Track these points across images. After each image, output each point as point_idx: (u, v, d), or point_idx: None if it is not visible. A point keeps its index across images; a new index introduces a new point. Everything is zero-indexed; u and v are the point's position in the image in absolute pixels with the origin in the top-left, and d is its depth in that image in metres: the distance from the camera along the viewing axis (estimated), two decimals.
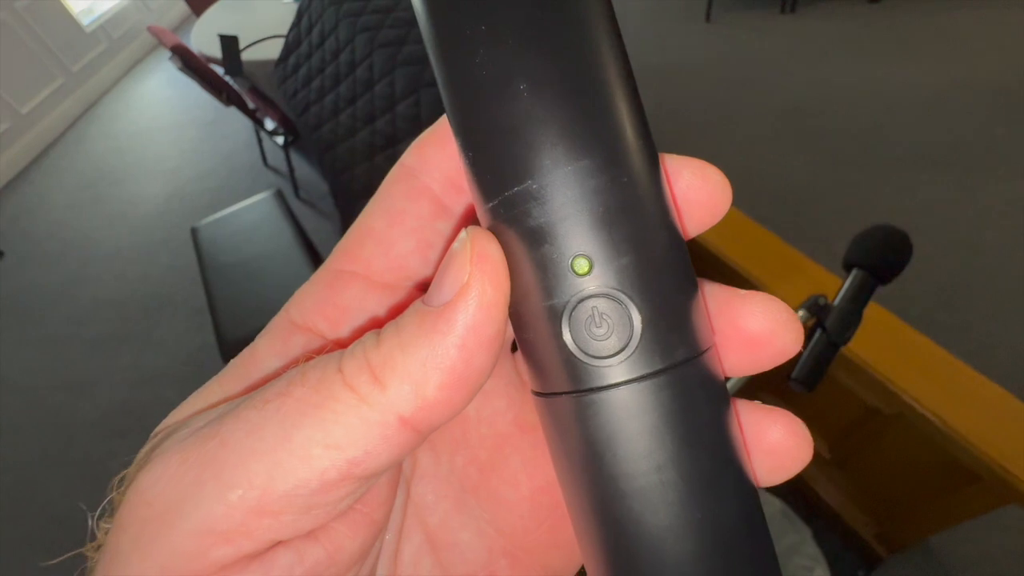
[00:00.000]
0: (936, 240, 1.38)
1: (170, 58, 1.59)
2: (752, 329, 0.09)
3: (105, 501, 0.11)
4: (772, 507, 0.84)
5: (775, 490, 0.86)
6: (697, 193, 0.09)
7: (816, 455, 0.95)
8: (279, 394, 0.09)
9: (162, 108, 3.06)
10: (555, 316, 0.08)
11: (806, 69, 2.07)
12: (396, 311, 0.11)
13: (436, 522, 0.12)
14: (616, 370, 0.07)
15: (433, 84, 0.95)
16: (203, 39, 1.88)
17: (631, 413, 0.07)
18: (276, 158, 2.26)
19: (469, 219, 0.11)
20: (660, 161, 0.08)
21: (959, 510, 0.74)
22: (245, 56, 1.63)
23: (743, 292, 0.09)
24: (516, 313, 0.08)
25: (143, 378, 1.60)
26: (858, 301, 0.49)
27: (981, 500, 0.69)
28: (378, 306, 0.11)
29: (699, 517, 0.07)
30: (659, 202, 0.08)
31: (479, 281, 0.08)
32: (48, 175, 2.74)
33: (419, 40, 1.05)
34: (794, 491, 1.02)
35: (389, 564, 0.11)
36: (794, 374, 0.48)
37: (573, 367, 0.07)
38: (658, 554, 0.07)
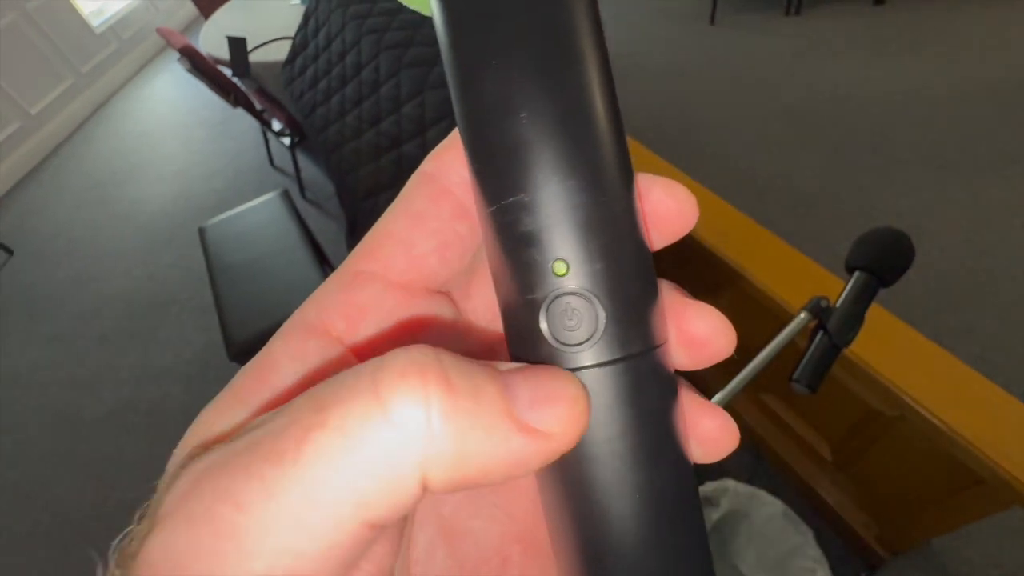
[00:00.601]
0: (941, 242, 1.38)
1: (178, 59, 1.61)
2: (694, 332, 0.10)
3: (112, 551, 0.10)
4: (774, 508, 0.84)
5: (777, 492, 0.86)
6: (665, 208, 0.10)
7: (818, 457, 0.95)
8: (299, 443, 0.07)
9: (170, 109, 3.09)
10: (535, 308, 0.09)
11: (811, 70, 2.07)
12: (413, 314, 0.11)
13: (449, 512, 0.12)
14: (582, 356, 0.09)
15: (438, 86, 0.96)
16: (211, 41, 1.90)
17: (591, 392, 0.09)
18: (282, 159, 2.27)
19: None
20: (634, 180, 0.10)
21: (962, 513, 0.74)
22: (252, 58, 1.64)
23: (690, 300, 0.10)
24: (503, 304, 0.10)
25: (149, 376, 1.62)
26: (860, 303, 0.49)
27: (984, 503, 0.69)
28: (396, 306, 0.11)
29: (639, 480, 0.09)
30: (630, 217, 0.09)
31: (570, 438, 0.08)
32: (57, 174, 2.77)
33: (425, 42, 1.06)
34: (796, 493, 1.02)
35: (403, 556, 0.11)
36: (796, 375, 0.49)
37: (547, 351, 0.09)
38: (604, 509, 0.09)
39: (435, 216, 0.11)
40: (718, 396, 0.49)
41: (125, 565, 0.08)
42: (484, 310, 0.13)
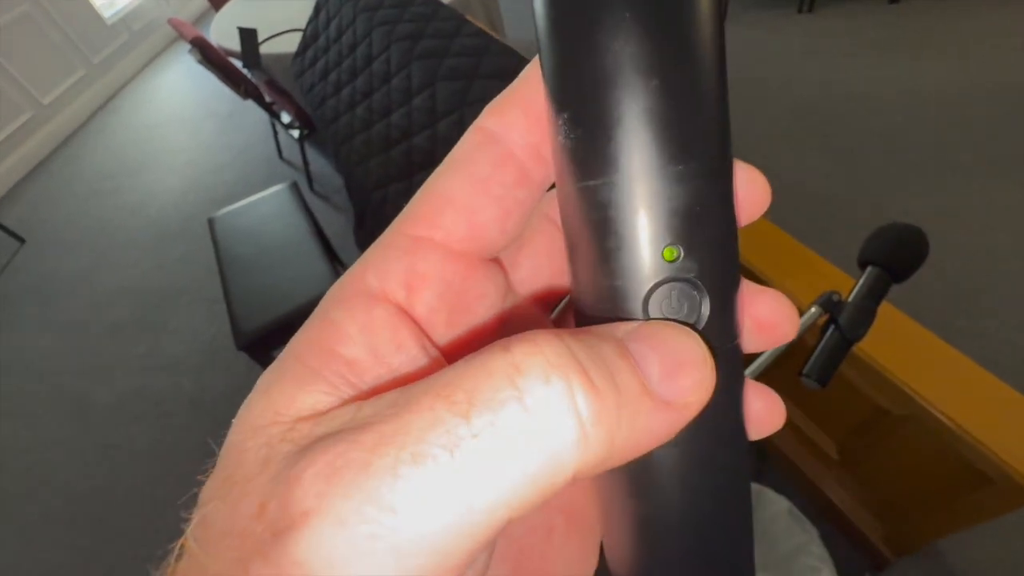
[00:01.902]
0: (954, 243, 1.36)
1: (190, 51, 1.62)
2: (765, 317, 0.10)
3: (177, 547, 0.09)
4: (779, 506, 0.84)
5: (783, 490, 0.86)
6: (748, 194, 0.10)
7: (824, 455, 0.95)
8: (450, 449, 0.07)
9: (180, 100, 3.10)
10: (636, 293, 0.09)
11: (824, 69, 2.05)
12: (473, 285, 0.11)
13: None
14: None
15: (449, 78, 0.96)
16: (222, 32, 1.91)
17: None
18: (291, 151, 2.28)
19: (544, 187, 0.11)
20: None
21: (970, 514, 0.73)
22: (263, 49, 1.65)
23: (758, 286, 0.11)
24: (591, 283, 0.09)
25: (159, 364, 1.63)
26: (872, 298, 0.49)
27: (993, 503, 0.68)
28: (456, 276, 0.11)
29: (713, 463, 0.10)
30: (732, 205, 0.09)
31: (697, 407, 0.08)
32: (68, 164, 2.79)
33: (436, 35, 1.06)
34: (802, 491, 1.02)
35: None
36: (806, 370, 0.48)
37: None
38: (671, 489, 0.09)
39: (499, 182, 0.10)
40: None
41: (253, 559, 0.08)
42: (532, 280, 0.12)
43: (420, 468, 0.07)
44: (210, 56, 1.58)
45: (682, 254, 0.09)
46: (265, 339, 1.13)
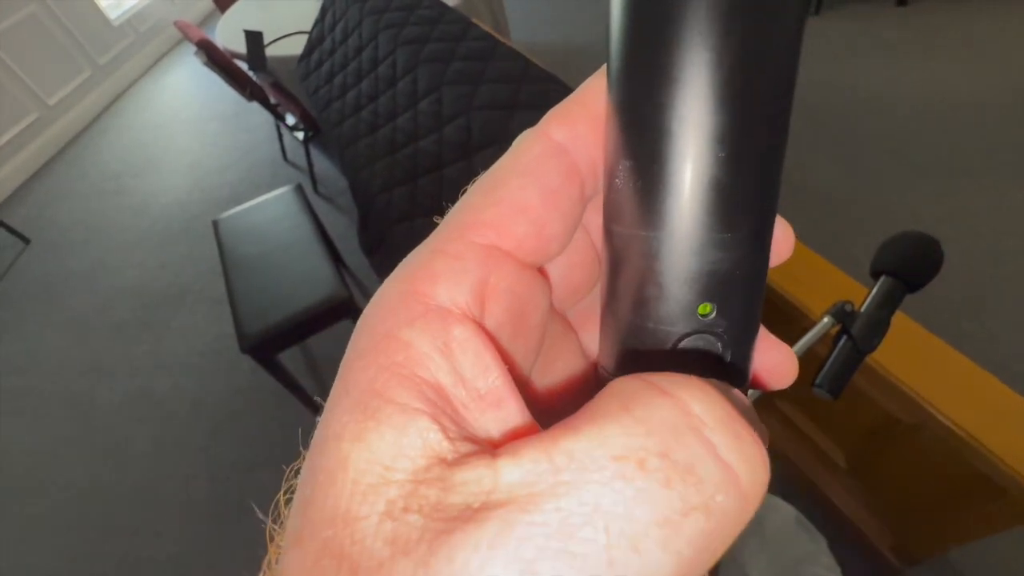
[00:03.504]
0: (964, 248, 1.35)
1: (195, 53, 1.62)
2: (771, 364, 0.11)
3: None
4: (787, 514, 0.83)
5: (790, 498, 0.85)
6: (776, 245, 0.10)
7: (832, 464, 0.94)
8: (661, 524, 0.07)
9: (185, 102, 3.11)
10: (668, 338, 0.09)
11: (830, 71, 2.04)
12: (536, 302, 0.11)
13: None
14: None
15: (455, 82, 0.95)
16: (228, 34, 1.91)
17: None
18: (296, 153, 2.28)
19: (591, 200, 0.11)
20: None
21: (981, 524, 0.72)
22: (269, 52, 1.65)
23: (774, 340, 0.11)
24: (625, 320, 0.10)
25: (162, 365, 1.64)
26: (886, 308, 0.48)
27: (1005, 515, 0.67)
28: (524, 290, 0.10)
29: None
30: (766, 267, 0.10)
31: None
32: (74, 165, 2.80)
33: (442, 38, 1.05)
34: (810, 499, 1.01)
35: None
36: (818, 381, 0.48)
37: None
38: None
39: (568, 196, 0.10)
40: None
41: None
42: (559, 285, 0.12)
43: (637, 555, 0.06)
44: (216, 58, 1.59)
45: (715, 312, 0.09)
46: (268, 342, 1.13)
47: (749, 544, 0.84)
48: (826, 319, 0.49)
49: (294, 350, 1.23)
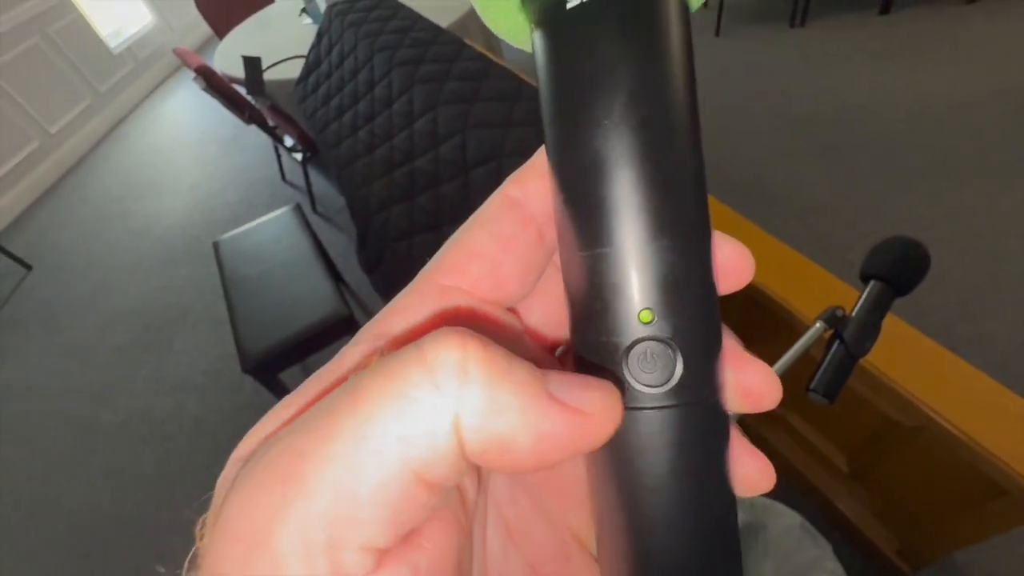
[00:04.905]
0: (957, 249, 1.37)
1: (194, 79, 1.65)
2: (750, 384, 0.11)
3: (189, 555, 0.10)
4: (791, 521, 0.83)
5: (794, 503, 0.85)
6: (733, 265, 0.11)
7: (835, 468, 0.94)
8: (354, 389, 0.08)
9: (184, 125, 3.16)
10: (616, 349, 0.10)
11: (819, 80, 2.08)
12: (501, 332, 0.12)
13: (513, 516, 0.13)
14: (657, 397, 0.10)
15: (450, 102, 0.98)
16: (226, 60, 1.95)
17: (663, 428, 0.10)
18: (294, 173, 2.31)
19: (555, 247, 0.12)
20: (712, 238, 0.11)
21: (984, 525, 0.72)
22: (266, 76, 1.68)
23: (747, 354, 0.11)
24: (581, 338, 0.11)
25: (164, 387, 1.64)
26: (876, 312, 0.49)
27: (1008, 515, 0.67)
28: (485, 324, 0.12)
29: (694, 505, 0.10)
30: (709, 275, 0.10)
31: (603, 424, 0.09)
32: (75, 191, 2.83)
33: (436, 59, 1.08)
34: (813, 504, 1.01)
35: (479, 557, 0.12)
36: (813, 385, 0.49)
37: (625, 389, 0.10)
38: (657, 530, 0.10)
39: (523, 241, 0.11)
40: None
41: (207, 532, 0.09)
42: (542, 324, 0.13)
43: (327, 418, 0.08)
44: (214, 84, 1.62)
45: (656, 317, 0.10)
46: (270, 361, 1.14)
47: (753, 551, 0.83)
48: (818, 324, 0.50)
49: (295, 369, 1.24)
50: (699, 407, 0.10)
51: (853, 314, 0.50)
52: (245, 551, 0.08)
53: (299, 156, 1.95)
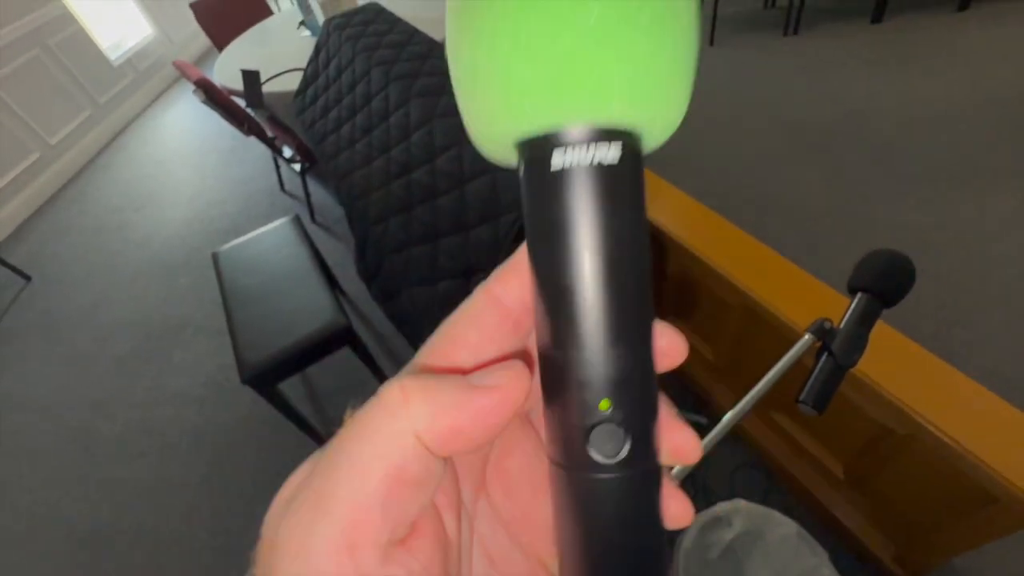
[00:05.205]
0: (950, 255, 1.38)
1: (194, 91, 1.67)
2: (678, 444, 0.14)
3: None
4: (788, 529, 0.83)
5: (791, 512, 0.86)
6: (668, 350, 0.14)
7: (831, 475, 0.95)
8: (341, 438, 0.12)
9: (184, 136, 3.18)
10: (583, 428, 0.12)
11: (812, 88, 2.10)
12: None
13: (494, 547, 0.16)
14: (610, 465, 0.12)
15: (446, 115, 0.99)
16: (225, 73, 1.97)
17: (613, 489, 0.13)
18: (293, 183, 2.33)
19: (531, 332, 0.15)
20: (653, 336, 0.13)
21: (979, 532, 0.73)
22: (265, 88, 1.70)
23: (677, 421, 0.14)
24: (552, 418, 0.13)
25: (164, 398, 1.64)
26: (863, 324, 0.50)
27: (1000, 522, 0.68)
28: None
29: (635, 541, 0.13)
30: (651, 366, 0.13)
31: (514, 394, 0.12)
32: (75, 202, 2.84)
33: (432, 72, 1.10)
34: (810, 512, 1.01)
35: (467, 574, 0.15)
36: (802, 397, 0.49)
37: (585, 458, 0.12)
38: (606, 557, 0.13)
39: (501, 333, 0.14)
40: (729, 415, 0.50)
41: (261, 554, 0.12)
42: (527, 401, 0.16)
43: (330, 452, 0.12)
44: (214, 96, 1.63)
45: (612, 406, 0.12)
46: (269, 372, 1.14)
47: (752, 559, 0.84)
48: (807, 336, 0.51)
49: (294, 379, 1.24)
50: (640, 471, 0.13)
51: (841, 326, 0.50)
52: (290, 558, 0.11)
53: (298, 167, 1.96)
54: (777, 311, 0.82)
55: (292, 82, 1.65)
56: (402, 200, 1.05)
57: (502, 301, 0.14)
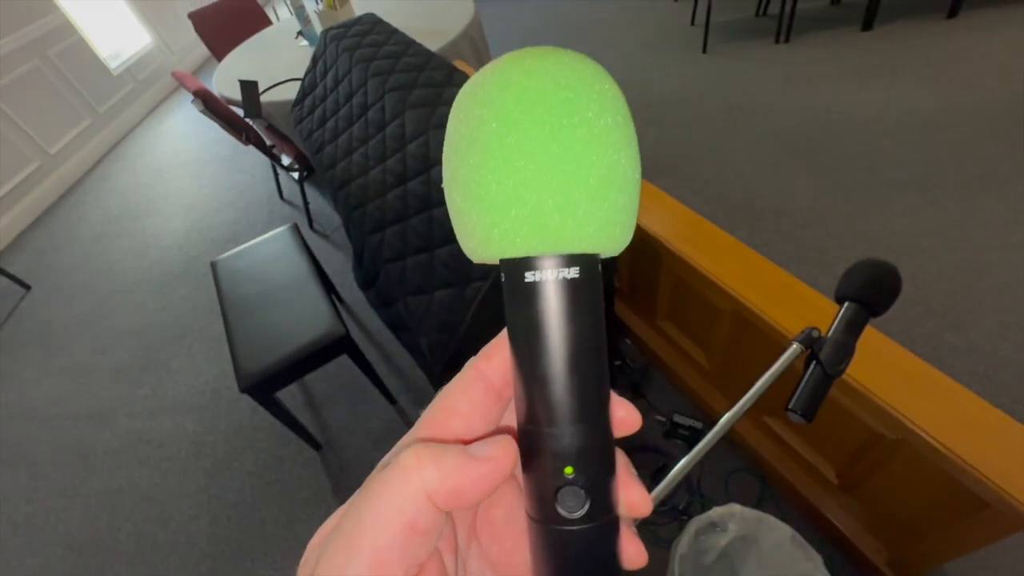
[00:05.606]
0: (941, 260, 1.39)
1: (192, 101, 1.68)
2: (634, 500, 0.16)
3: None
4: (783, 534, 0.84)
5: (785, 516, 0.86)
6: (624, 421, 0.17)
7: (824, 480, 0.95)
8: (366, 493, 0.15)
9: (183, 145, 3.19)
10: (552, 489, 0.15)
11: (803, 96, 2.12)
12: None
13: (476, 570, 0.18)
14: (574, 519, 0.15)
15: (441, 126, 1.00)
16: (224, 83, 1.99)
17: (577, 539, 0.15)
18: (291, 191, 2.34)
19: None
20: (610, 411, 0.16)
21: (970, 537, 0.73)
22: (263, 98, 1.71)
23: (632, 479, 0.16)
24: (528, 479, 0.16)
25: (162, 407, 1.64)
26: (851, 333, 0.51)
27: (990, 527, 0.69)
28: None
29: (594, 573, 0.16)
30: (609, 439, 0.16)
31: (505, 464, 0.15)
32: (75, 211, 2.85)
33: (428, 84, 1.11)
34: (804, 517, 1.02)
35: None
36: (791, 405, 0.50)
37: (554, 513, 0.15)
38: None
39: (487, 404, 0.17)
40: (723, 419, 0.50)
41: None
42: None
43: (353, 510, 0.14)
44: (212, 106, 1.65)
45: (576, 471, 0.15)
46: (268, 381, 1.15)
47: (747, 564, 0.84)
48: (795, 345, 0.52)
49: (292, 387, 1.25)
50: (600, 523, 0.15)
51: (828, 335, 0.51)
52: None
53: (296, 175, 1.98)
54: (768, 317, 0.83)
55: (290, 92, 1.67)
56: (398, 211, 1.06)
57: (487, 376, 0.17)
